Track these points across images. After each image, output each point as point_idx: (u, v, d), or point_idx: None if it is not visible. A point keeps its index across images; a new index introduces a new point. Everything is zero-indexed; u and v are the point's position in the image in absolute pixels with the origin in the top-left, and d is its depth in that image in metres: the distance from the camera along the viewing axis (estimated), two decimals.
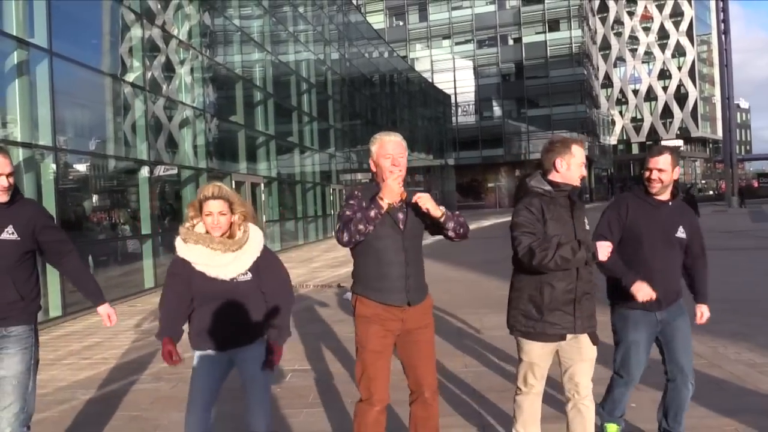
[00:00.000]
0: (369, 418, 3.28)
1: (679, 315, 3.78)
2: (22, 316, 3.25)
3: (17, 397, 3.18)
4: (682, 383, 3.73)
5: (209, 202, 3.15)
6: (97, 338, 8.04)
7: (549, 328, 3.32)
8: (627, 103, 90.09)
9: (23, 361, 3.23)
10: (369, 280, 3.29)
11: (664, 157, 3.65)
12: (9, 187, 3.24)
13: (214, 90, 17.81)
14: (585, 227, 3.41)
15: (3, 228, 3.20)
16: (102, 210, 13.38)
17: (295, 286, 11.38)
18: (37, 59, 9.54)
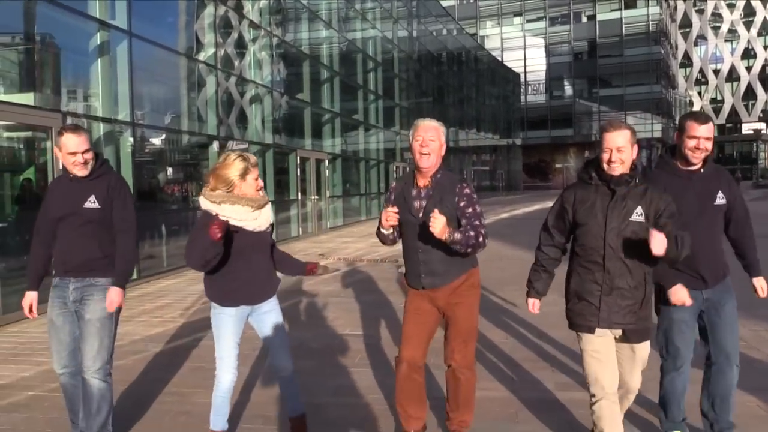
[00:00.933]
0: (400, 373, 3.59)
1: (726, 295, 3.57)
2: (106, 270, 3.72)
3: (101, 339, 3.64)
4: (727, 366, 3.54)
5: (255, 170, 3.59)
6: (167, 300, 8.72)
7: (576, 317, 3.31)
8: (707, 84, 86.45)
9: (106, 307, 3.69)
10: (404, 260, 3.70)
11: (709, 125, 3.46)
12: (86, 163, 3.64)
13: (283, 68, 18.38)
14: (628, 218, 3.13)
15: (86, 197, 3.64)
16: (175, 182, 14.16)
17: (352, 259, 11.85)
18: (117, 40, 10.21)
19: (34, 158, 9.57)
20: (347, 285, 9.58)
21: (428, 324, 3.62)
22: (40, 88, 9.53)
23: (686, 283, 3.43)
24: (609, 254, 3.15)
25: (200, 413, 4.37)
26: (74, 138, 3.59)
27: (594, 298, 3.21)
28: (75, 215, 3.65)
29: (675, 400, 3.63)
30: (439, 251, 3.46)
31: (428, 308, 3.60)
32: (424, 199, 3.48)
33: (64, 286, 3.70)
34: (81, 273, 3.67)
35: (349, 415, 4.33)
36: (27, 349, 6.17)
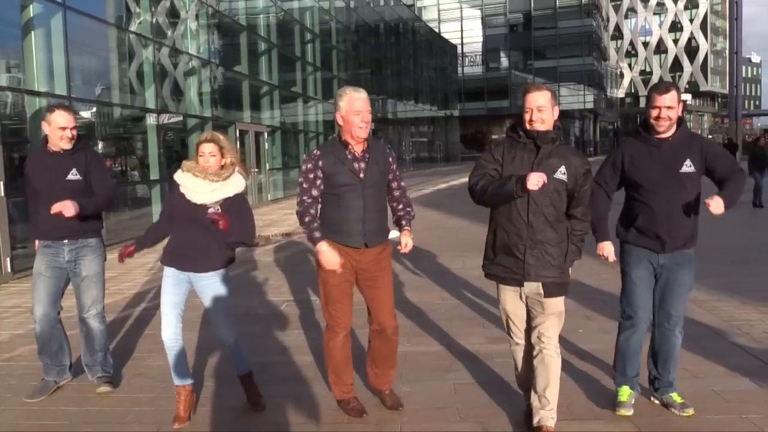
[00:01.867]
0: (336, 343, 3.79)
1: (684, 264, 3.70)
2: (93, 232, 4.32)
3: (98, 289, 4.36)
4: (669, 330, 3.74)
5: (203, 144, 3.80)
6: (112, 273, 8.73)
7: (501, 271, 3.46)
8: (636, 56, 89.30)
9: (99, 264, 4.35)
10: (330, 223, 3.67)
11: (672, 93, 3.55)
12: (72, 138, 4.13)
13: (218, 39, 18.22)
14: (554, 175, 3.30)
15: (69, 170, 4.11)
16: (110, 156, 14.02)
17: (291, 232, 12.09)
18: (51, 12, 10.04)
19: None
20: (288, 255, 9.85)
21: (350, 289, 3.79)
22: None
23: (645, 243, 3.67)
24: (533, 209, 3.31)
25: (153, 375, 4.64)
26: (64, 115, 4.10)
27: (519, 253, 3.36)
28: (59, 187, 4.07)
29: (629, 357, 3.79)
30: (379, 212, 3.70)
31: (350, 276, 3.71)
32: (362, 162, 3.66)
33: (58, 247, 4.21)
34: (76, 236, 4.21)
35: (294, 371, 4.67)
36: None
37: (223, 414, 3.97)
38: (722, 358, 4.64)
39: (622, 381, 3.83)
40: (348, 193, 3.63)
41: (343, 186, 3.62)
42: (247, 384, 4.08)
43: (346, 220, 3.65)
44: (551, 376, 3.43)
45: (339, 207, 3.65)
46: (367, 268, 3.74)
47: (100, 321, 4.38)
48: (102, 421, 3.88)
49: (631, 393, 3.78)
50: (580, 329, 5.41)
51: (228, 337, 3.96)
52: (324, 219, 3.70)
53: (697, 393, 4.01)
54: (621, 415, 3.71)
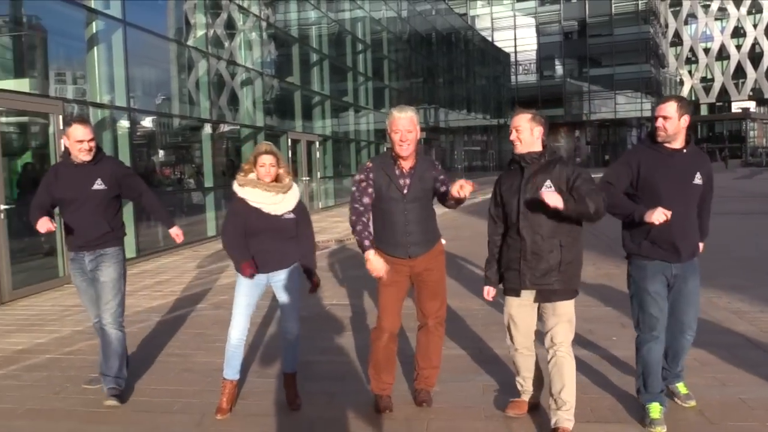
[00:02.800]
0: (380, 343, 4.03)
1: (692, 272, 3.81)
2: (113, 241, 4.42)
3: (114, 296, 4.37)
4: (681, 336, 3.89)
5: (263, 156, 4.07)
6: (166, 276, 9.24)
7: (506, 282, 3.78)
8: (697, 62, 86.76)
9: (116, 270, 4.39)
10: (378, 234, 3.96)
11: (669, 104, 3.71)
12: (90, 150, 4.26)
13: (273, 51, 18.75)
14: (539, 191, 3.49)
15: (94, 181, 4.29)
16: (169, 165, 14.63)
17: (342, 239, 12.38)
18: (112, 28, 10.61)
19: (34, 143, 10.03)
20: (337, 261, 10.12)
21: (402, 294, 4.05)
22: (37, 74, 9.96)
23: (661, 255, 3.71)
24: (523, 225, 3.59)
25: (201, 370, 4.93)
26: (81, 128, 4.23)
27: (516, 264, 3.65)
28: (84, 197, 4.28)
29: (653, 369, 3.77)
30: (421, 224, 3.92)
31: (402, 279, 4.00)
32: (407, 178, 3.92)
33: (80, 259, 4.39)
34: (93, 247, 4.34)
35: (334, 370, 4.91)
36: (39, 320, 6.69)
37: (261, 408, 4.20)
38: (755, 368, 4.63)
39: (649, 398, 3.78)
40: (392, 207, 3.91)
41: (388, 200, 3.91)
42: (289, 383, 4.30)
43: (392, 233, 3.94)
44: (566, 378, 3.59)
45: (384, 220, 3.95)
46: (420, 272, 3.99)
47: (116, 328, 4.38)
48: (150, 410, 4.19)
49: (661, 409, 3.73)
50: (614, 337, 5.47)
51: (293, 330, 4.24)
52: (374, 229, 3.98)
53: (725, 400, 4.06)
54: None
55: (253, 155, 4.11)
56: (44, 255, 9.03)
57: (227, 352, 4.17)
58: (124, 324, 4.48)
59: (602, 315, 6.18)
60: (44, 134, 9.53)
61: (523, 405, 3.94)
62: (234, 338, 4.14)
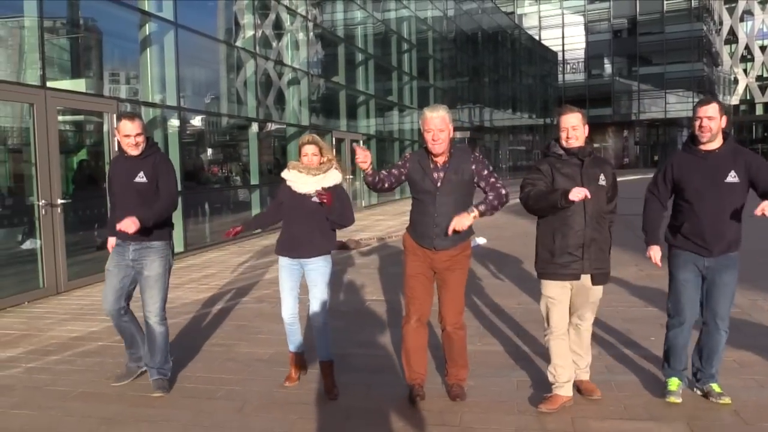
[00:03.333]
0: (408, 327, 4.16)
1: (728, 267, 3.96)
2: (159, 235, 4.51)
3: (158, 290, 4.49)
4: (714, 329, 4.01)
5: (306, 146, 4.40)
6: (212, 270, 9.51)
7: (560, 269, 3.94)
8: (753, 61, 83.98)
9: (162, 265, 4.49)
10: (412, 222, 4.16)
11: (712, 105, 3.88)
12: (137, 145, 4.41)
13: (319, 50, 19.01)
14: (598, 182, 3.87)
15: (137, 173, 4.43)
16: (217, 163, 15.00)
17: (383, 237, 12.50)
18: (164, 30, 10.97)
19: (89, 141, 10.44)
20: (377, 258, 10.25)
21: (428, 285, 4.15)
22: (93, 74, 10.36)
23: (691, 248, 3.99)
24: (589, 212, 3.87)
25: (243, 360, 5.12)
26: (129, 124, 4.41)
27: (578, 251, 3.90)
28: (129, 188, 4.45)
29: (677, 352, 4.12)
30: (451, 218, 3.92)
31: (427, 270, 4.10)
32: (441, 171, 4.03)
33: (125, 246, 4.52)
34: (138, 238, 4.43)
35: (370, 363, 5.03)
36: (92, 310, 6.99)
37: (300, 397, 4.35)
38: None
39: (671, 373, 4.16)
40: (425, 199, 4.06)
41: (422, 192, 4.07)
42: (326, 371, 4.45)
43: (422, 223, 4.08)
44: (585, 344, 4.18)
45: (418, 211, 4.12)
46: (439, 268, 4.08)
47: (159, 323, 4.49)
48: (194, 396, 4.38)
49: (679, 383, 4.11)
50: (653, 337, 5.44)
51: (319, 318, 4.41)
52: (410, 218, 4.19)
53: (761, 402, 4.04)
54: (670, 402, 4.05)
55: (298, 145, 4.45)
56: (97, 248, 9.40)
57: (286, 330, 4.56)
58: (165, 318, 4.58)
59: (642, 315, 6.16)
60: (99, 132, 9.91)
61: (556, 400, 4.01)
62: (286, 316, 4.50)
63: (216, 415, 4.06)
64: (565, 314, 4.05)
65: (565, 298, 4.02)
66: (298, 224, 4.38)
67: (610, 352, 5.08)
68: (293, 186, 4.38)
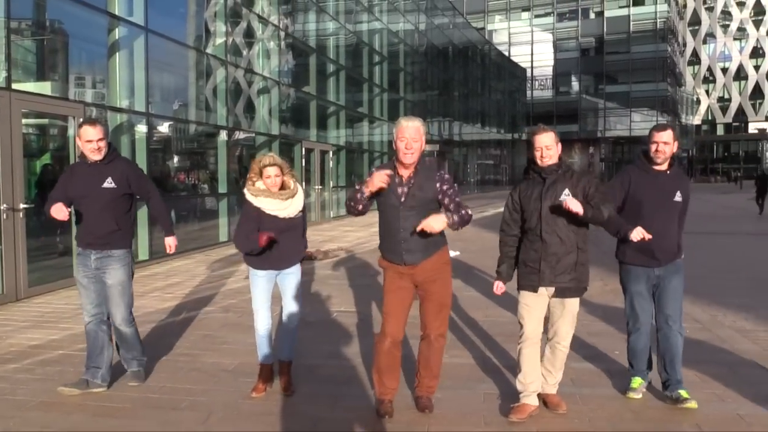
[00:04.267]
0: (382, 347, 4.09)
1: (674, 273, 4.33)
2: (121, 242, 4.54)
3: (123, 299, 4.54)
4: (669, 330, 4.28)
5: (268, 168, 4.39)
6: (177, 278, 9.38)
7: (523, 279, 4.14)
8: (715, 82, 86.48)
9: (124, 273, 4.53)
10: (380, 238, 4.15)
11: (668, 131, 4.25)
12: (99, 150, 4.42)
13: (290, 60, 18.98)
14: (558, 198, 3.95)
15: (104, 179, 4.45)
16: (184, 170, 14.82)
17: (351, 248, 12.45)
18: (134, 35, 10.84)
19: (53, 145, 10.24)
20: (345, 270, 10.23)
21: (407, 300, 4.10)
22: (59, 78, 10.18)
23: (643, 261, 4.31)
24: (545, 229, 4.01)
25: (208, 370, 5.05)
26: (91, 129, 4.43)
27: (535, 264, 4.05)
28: (95, 195, 4.44)
29: (638, 355, 4.45)
30: (416, 232, 3.89)
31: (406, 285, 4.07)
32: (405, 186, 3.97)
33: (87, 255, 4.54)
34: (100, 246, 4.48)
35: (338, 374, 4.99)
36: (53, 317, 6.84)
37: (266, 407, 4.30)
38: (755, 386, 4.67)
39: (634, 373, 4.50)
40: (390, 213, 4.02)
41: (387, 206, 4.03)
42: (285, 369, 4.60)
43: (389, 239, 4.07)
44: (559, 363, 4.22)
45: (384, 226, 4.11)
46: (422, 280, 4.05)
47: (128, 325, 4.60)
48: (159, 407, 4.30)
49: (641, 382, 4.46)
50: (617, 351, 5.51)
51: (296, 317, 4.58)
52: (379, 234, 4.18)
53: (722, 416, 4.12)
54: (630, 397, 4.42)
55: (258, 167, 4.42)
56: (59, 254, 9.21)
57: (257, 341, 4.60)
58: (133, 320, 4.70)
59: (607, 329, 6.23)
60: (63, 137, 9.73)
61: (524, 409, 4.06)
62: (261, 330, 4.56)
63: (180, 426, 3.99)
64: (539, 322, 4.13)
65: (539, 306, 4.11)
66: (282, 242, 4.44)
67: (576, 366, 5.12)
68: (280, 214, 4.44)
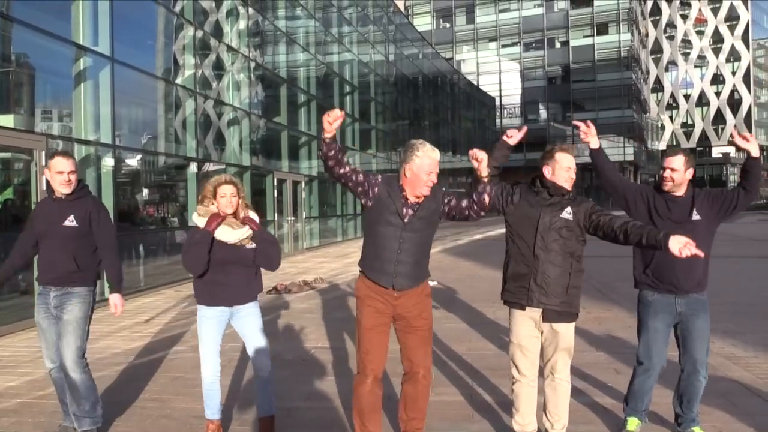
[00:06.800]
0: (364, 388, 3.77)
1: (700, 310, 4.01)
2: (82, 281, 4.23)
3: (76, 336, 4.16)
4: (695, 376, 4.03)
5: (223, 186, 4.00)
6: (145, 316, 8.99)
7: (510, 295, 3.86)
8: (678, 108, 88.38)
9: (81, 310, 4.20)
10: (366, 257, 3.77)
11: (678, 157, 4.01)
12: (69, 182, 4.17)
13: (260, 91, 18.79)
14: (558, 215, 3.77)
15: (66, 216, 4.17)
16: (153, 203, 14.45)
17: (326, 278, 12.18)
18: (100, 65, 10.55)
19: (17, 179, 9.85)
20: (320, 302, 9.93)
21: (385, 338, 3.79)
22: (23, 110, 9.83)
23: (663, 287, 4.01)
24: (539, 246, 3.75)
25: (180, 417, 4.71)
26: (63, 160, 4.18)
27: (525, 282, 3.78)
28: (55, 232, 4.15)
29: (640, 396, 4.16)
30: (414, 256, 3.68)
31: (385, 321, 3.76)
32: (410, 209, 3.69)
33: (46, 294, 4.24)
34: (60, 283, 4.19)
35: (319, 417, 4.69)
36: (12, 362, 6.43)
37: None
38: (753, 417, 4.51)
39: (631, 413, 4.21)
40: (386, 232, 3.67)
41: (385, 223, 3.68)
42: (265, 428, 4.13)
43: (380, 258, 3.69)
44: (563, 401, 3.88)
45: (376, 244, 3.72)
46: (404, 315, 3.75)
47: (80, 371, 4.16)
48: None
49: (639, 423, 4.19)
50: (609, 383, 5.32)
51: (266, 365, 4.12)
52: (363, 251, 3.83)
53: None
54: None
55: (212, 186, 4.03)
56: (21, 293, 8.77)
57: (204, 392, 4.09)
58: (87, 365, 4.24)
59: (595, 360, 6.04)
60: (27, 170, 9.35)
61: None
62: (207, 376, 4.07)
63: None
64: (534, 361, 3.87)
65: (533, 344, 3.85)
66: (233, 273, 4.04)
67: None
68: (217, 237, 3.99)
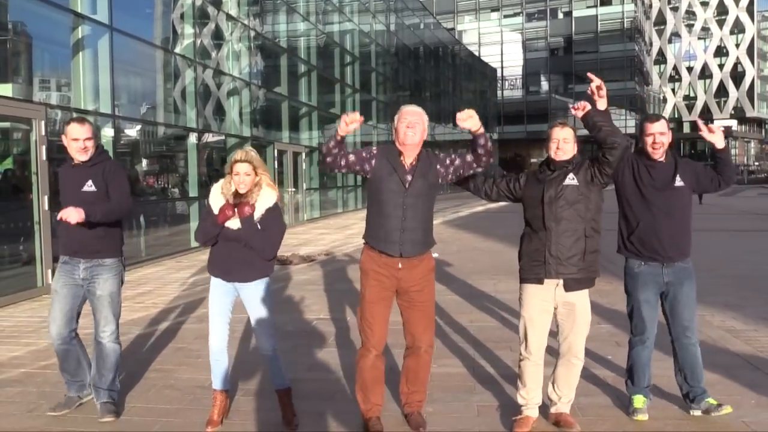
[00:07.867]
0: (366, 362, 3.82)
1: (686, 278, 4.03)
2: (110, 250, 4.22)
3: (112, 309, 4.23)
4: (687, 342, 4.03)
5: (238, 164, 3.91)
6: (148, 287, 9.01)
7: (526, 272, 3.87)
8: (680, 81, 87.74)
9: (114, 284, 4.23)
10: (371, 228, 3.79)
11: (662, 122, 3.99)
12: (86, 150, 4.13)
13: (260, 61, 18.61)
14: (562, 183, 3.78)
15: (85, 182, 4.13)
16: (153, 174, 14.39)
17: (329, 251, 12.20)
18: (99, 34, 10.42)
19: (16, 149, 9.78)
20: (321, 274, 9.94)
21: (388, 311, 3.83)
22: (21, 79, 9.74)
23: (648, 252, 4.00)
24: (548, 215, 3.76)
25: (183, 387, 4.73)
26: (78, 127, 4.13)
27: (540, 255, 3.79)
28: (77, 199, 4.07)
29: (640, 369, 4.10)
30: (419, 222, 3.71)
31: (388, 295, 3.78)
32: (409, 174, 3.70)
33: (74, 264, 4.20)
34: (89, 254, 4.16)
35: (322, 388, 4.72)
36: (15, 332, 6.45)
37: (250, 426, 4.02)
38: (756, 389, 4.52)
39: (635, 391, 4.13)
40: (390, 200, 3.69)
41: (386, 192, 3.70)
42: (284, 400, 4.12)
43: (385, 227, 3.71)
44: (572, 378, 3.93)
45: (381, 213, 3.73)
46: (407, 288, 3.77)
47: (114, 341, 4.25)
48: (130, 430, 3.98)
49: (645, 400, 4.10)
50: (609, 356, 5.34)
51: (266, 346, 4.07)
52: (367, 223, 3.84)
53: (728, 424, 3.94)
54: (638, 419, 4.01)
55: (230, 163, 3.97)
56: (23, 264, 8.77)
57: (211, 362, 4.10)
58: (119, 337, 4.33)
59: (596, 333, 6.03)
60: (26, 140, 9.28)
61: (527, 421, 3.86)
62: (214, 347, 4.08)
63: None
64: (543, 338, 3.87)
65: (544, 319, 3.86)
66: (234, 249, 3.97)
67: None
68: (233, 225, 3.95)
